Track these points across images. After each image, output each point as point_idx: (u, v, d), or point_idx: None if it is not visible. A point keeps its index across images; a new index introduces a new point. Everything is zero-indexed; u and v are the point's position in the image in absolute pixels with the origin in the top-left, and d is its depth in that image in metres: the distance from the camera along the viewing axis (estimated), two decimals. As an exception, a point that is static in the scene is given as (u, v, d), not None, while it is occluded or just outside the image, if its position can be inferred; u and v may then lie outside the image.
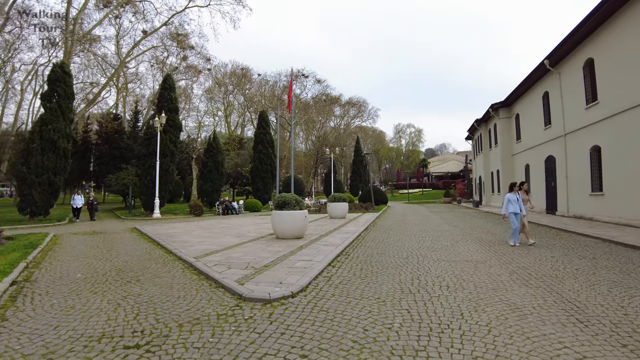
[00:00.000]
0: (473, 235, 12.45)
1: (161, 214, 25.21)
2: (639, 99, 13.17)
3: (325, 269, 7.24)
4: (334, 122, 77.44)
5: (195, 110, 57.64)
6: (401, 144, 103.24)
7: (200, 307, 5.03)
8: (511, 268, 7.17)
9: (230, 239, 11.78)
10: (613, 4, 13.93)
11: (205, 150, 36.20)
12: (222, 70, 59.13)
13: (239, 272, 6.86)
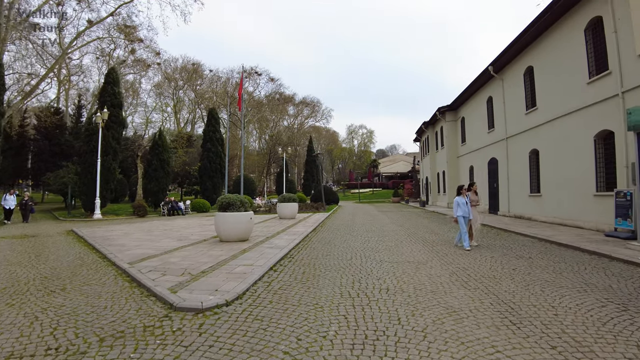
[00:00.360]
0: (417, 235, 12.69)
1: (102, 215, 23.92)
2: (572, 106, 13.96)
3: (266, 273, 7.02)
4: (288, 121, 77.17)
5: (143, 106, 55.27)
6: (353, 145, 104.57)
7: (126, 319, 4.68)
8: (451, 269, 7.29)
9: (171, 242, 11.27)
10: (549, 17, 14.68)
11: (150, 147, 34.75)
12: (172, 65, 57.02)
13: (174, 279, 6.50)
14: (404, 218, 20.92)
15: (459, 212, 10.03)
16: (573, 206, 14.04)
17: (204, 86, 61.89)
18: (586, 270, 7.07)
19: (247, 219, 11.21)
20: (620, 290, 5.63)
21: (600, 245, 9.53)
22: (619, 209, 11.16)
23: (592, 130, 12.92)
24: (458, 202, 10.17)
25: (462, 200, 10.14)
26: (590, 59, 13.23)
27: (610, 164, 12.42)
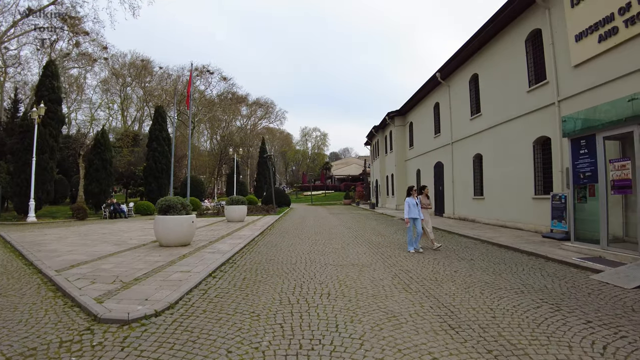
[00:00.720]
0: (364, 237, 12.69)
1: (37, 218, 22.17)
2: (513, 113, 14.51)
3: (204, 280, 6.63)
4: (241, 121, 75.77)
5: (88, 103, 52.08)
6: (307, 147, 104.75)
7: (42, 333, 4.18)
8: (394, 271, 7.24)
9: (107, 247, 10.54)
10: (493, 28, 15.22)
11: (92, 146, 32.84)
12: (120, 61, 54.01)
13: (103, 287, 5.98)
14: (353, 220, 20.99)
15: (410, 213, 9.75)
16: (514, 209, 14.60)
17: (153, 83, 59.26)
18: (524, 271, 7.25)
19: (189, 222, 10.70)
20: (554, 290, 5.77)
21: (537, 246, 9.88)
22: (554, 211, 11.67)
23: (532, 136, 13.48)
24: (409, 204, 9.86)
25: (412, 202, 9.86)
26: (530, 68, 13.81)
27: (547, 168, 13.00)
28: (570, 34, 11.28)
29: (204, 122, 64.80)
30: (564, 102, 11.74)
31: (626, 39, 9.44)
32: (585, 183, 8.91)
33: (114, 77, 54.20)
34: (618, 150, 9.19)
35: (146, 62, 57.21)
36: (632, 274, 6.27)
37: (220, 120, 68.55)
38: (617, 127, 7.90)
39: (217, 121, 67.72)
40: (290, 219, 22.84)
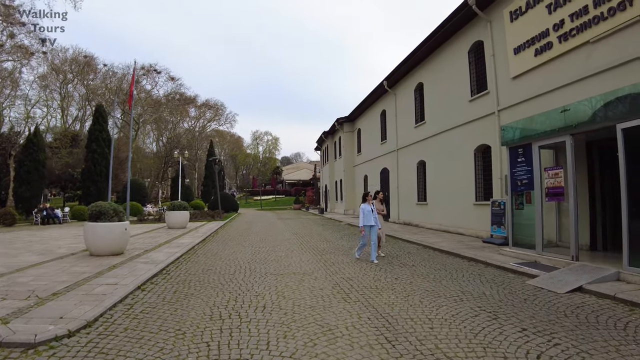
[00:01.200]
0: (309, 244, 12.45)
1: (-45, 224, 20.19)
2: (456, 121, 14.89)
3: (131, 293, 6.08)
4: (189, 123, 73.36)
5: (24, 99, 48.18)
6: (258, 151, 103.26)
7: None
8: (336, 280, 7.03)
9: (30, 258, 9.60)
10: (438, 38, 15.62)
11: (23, 146, 30.46)
12: (61, 56, 50.40)
13: (14, 304, 5.29)
14: (301, 225, 20.74)
15: (365, 221, 9.20)
16: (456, 214, 14.96)
17: (96, 81, 55.93)
18: (464, 277, 7.28)
19: (121, 230, 9.97)
20: (492, 297, 5.79)
21: (477, 251, 10.07)
22: (494, 217, 12.01)
23: (473, 144, 13.87)
24: (363, 211, 9.28)
25: (367, 208, 9.30)
26: (472, 78, 14.24)
27: (487, 175, 13.40)
28: (510, 47, 11.71)
29: (149, 123, 62.18)
30: (504, 112, 12.15)
31: (560, 54, 9.88)
32: (523, 190, 9.19)
33: (53, 73, 50.63)
34: (552, 158, 9.60)
35: (89, 58, 53.76)
36: (565, 279, 6.45)
37: (167, 122, 66.09)
38: (551, 136, 8.20)
39: (164, 122, 65.23)
40: (236, 225, 22.22)
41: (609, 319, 4.74)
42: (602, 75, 8.66)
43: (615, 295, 5.54)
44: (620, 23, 8.25)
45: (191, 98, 67.23)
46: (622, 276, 6.38)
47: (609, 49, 8.61)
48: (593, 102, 7.25)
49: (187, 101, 66.03)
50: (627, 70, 8.14)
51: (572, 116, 7.66)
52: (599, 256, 8.25)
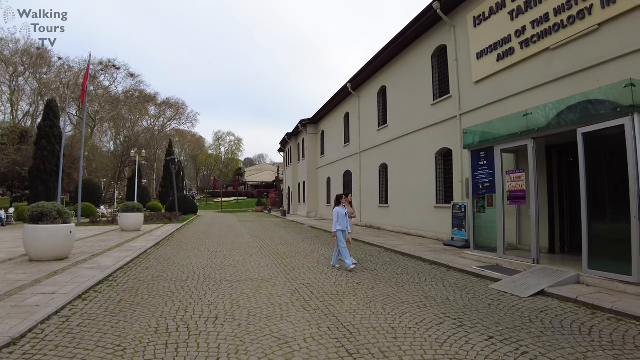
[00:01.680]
0: (270, 248, 12.03)
1: None
2: (418, 125, 14.93)
3: (70, 303, 5.47)
4: (148, 122, 70.96)
5: (-33, 92, 44.76)
6: (220, 152, 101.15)
7: None
8: (295, 286, 6.68)
9: (-41, 263, 8.72)
10: (401, 43, 15.66)
11: (-38, 142, 28.31)
12: (11, 47, 47.17)
13: None
14: (262, 228, 20.25)
15: (338, 225, 8.55)
16: (417, 217, 14.97)
17: (50, 75, 52.84)
18: (426, 281, 7.12)
19: (66, 232, 9.21)
20: (457, 302, 5.62)
21: (439, 254, 10.01)
22: (455, 220, 12.04)
23: (434, 147, 13.92)
24: (338, 214, 8.69)
25: (342, 212, 8.72)
26: (435, 82, 14.31)
27: (448, 178, 13.47)
28: (473, 52, 11.80)
29: (107, 120, 59.63)
30: (465, 116, 12.23)
31: (521, 60, 10.01)
32: (484, 193, 9.19)
33: (2, 64, 47.44)
34: (513, 162, 9.67)
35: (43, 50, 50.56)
36: (527, 282, 6.40)
37: (125, 120, 63.64)
38: (513, 140, 8.21)
39: (122, 120, 62.78)
40: (194, 227, 21.43)
41: (573, 323, 4.66)
42: (562, 81, 8.82)
43: (577, 299, 5.50)
44: (580, 31, 8.42)
45: (151, 96, 65.20)
46: (582, 279, 6.40)
47: (568, 56, 8.77)
48: (554, 107, 7.29)
49: (147, 99, 63.97)
50: (584, 77, 8.31)
51: (533, 120, 7.68)
52: (558, 259, 8.34)
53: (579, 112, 6.68)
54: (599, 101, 6.36)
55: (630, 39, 7.50)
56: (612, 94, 6.14)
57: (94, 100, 53.02)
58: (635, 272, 5.68)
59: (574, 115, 6.79)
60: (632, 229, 5.72)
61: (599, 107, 6.33)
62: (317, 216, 29.56)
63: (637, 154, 5.75)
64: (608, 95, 6.22)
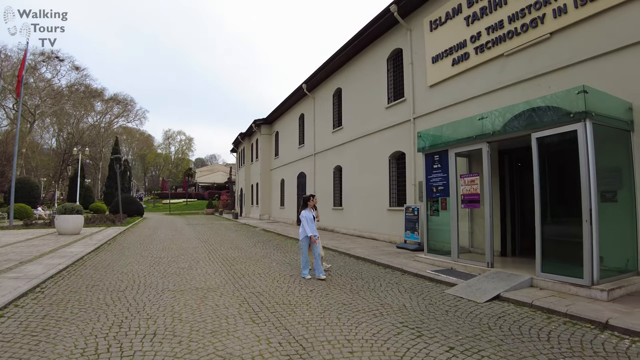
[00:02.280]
0: (219, 253, 11.44)
1: None
2: (372, 127, 14.85)
3: (-21, 319, 4.77)
4: (94, 118, 67.20)
5: None
6: (170, 151, 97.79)
7: None
8: (244, 295, 6.22)
9: None
10: (357, 45, 15.54)
11: None
12: None
13: None
14: (211, 231, 19.45)
15: (308, 230, 7.72)
16: (370, 219, 14.87)
17: (-16, 65, 48.68)
18: (381, 287, 6.90)
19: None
20: (414, 309, 5.40)
21: (393, 258, 9.87)
22: (408, 223, 12.00)
23: (388, 150, 13.88)
24: (307, 218, 7.85)
25: (310, 216, 7.88)
26: (390, 85, 14.29)
27: (402, 181, 13.45)
28: (428, 56, 11.83)
29: (48, 115, 55.78)
30: (419, 120, 12.25)
31: (476, 65, 10.10)
32: (438, 196, 9.14)
33: None
34: (466, 166, 9.71)
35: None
36: (483, 287, 6.31)
37: (69, 116, 59.91)
38: (468, 144, 8.19)
39: (66, 116, 59.04)
40: (138, 231, 20.24)
41: (531, 329, 4.56)
42: (515, 87, 8.96)
43: (532, 303, 5.45)
44: (533, 39, 8.57)
45: (98, 91, 61.79)
46: (535, 282, 6.40)
47: (521, 63, 8.91)
48: (510, 111, 7.31)
49: (92, 94, 60.53)
50: (536, 84, 8.46)
51: (489, 124, 7.69)
52: (511, 262, 8.40)
53: (534, 117, 6.71)
54: (553, 106, 6.41)
55: (580, 48, 7.71)
56: (566, 100, 6.19)
57: (34, 93, 49.49)
58: (586, 275, 5.72)
59: (529, 120, 6.81)
60: (583, 232, 5.76)
61: (553, 112, 6.37)
62: (270, 219, 28.99)
63: (588, 160, 5.80)
64: (562, 101, 6.28)
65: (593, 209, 5.72)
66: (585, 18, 7.63)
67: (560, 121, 6.20)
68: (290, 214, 24.28)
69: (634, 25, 6.91)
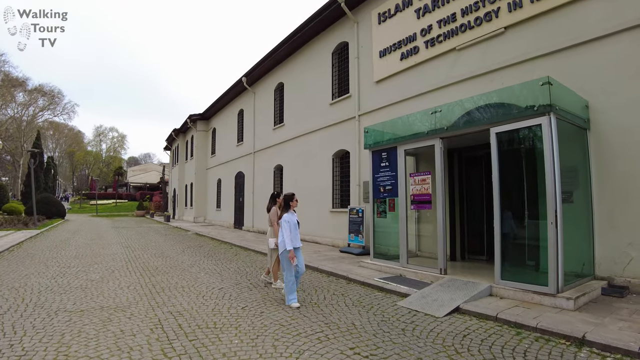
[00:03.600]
0: (140, 261, 9.98)
1: None
2: (315, 125, 14.03)
3: None
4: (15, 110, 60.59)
5: None
6: (101, 149, 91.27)
7: None
8: (160, 316, 5.04)
9: None
10: (300, 37, 14.65)
11: None
12: None
13: None
14: (138, 236, 17.61)
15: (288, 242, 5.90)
16: (312, 222, 13.98)
17: None
18: (325, 300, 6.01)
19: None
20: (365, 329, 4.55)
21: (337, 264, 9.07)
22: (352, 225, 11.29)
23: (332, 149, 13.12)
24: (289, 224, 6.04)
25: (293, 220, 6.16)
26: (334, 81, 13.55)
27: (345, 182, 12.74)
28: (375, 50, 11.21)
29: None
30: (365, 117, 11.60)
31: (426, 59, 9.58)
32: (386, 197, 8.45)
33: None
34: (413, 166, 9.10)
35: None
36: (439, 298, 5.61)
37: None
38: (419, 140, 7.56)
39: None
40: (54, 235, 17.92)
41: (504, 349, 3.88)
42: (467, 82, 8.52)
43: (498, 316, 4.81)
44: (486, 33, 8.16)
45: (19, 80, 55.82)
46: (495, 291, 5.82)
47: (474, 57, 8.48)
48: (467, 104, 6.74)
49: (13, 83, 54.56)
50: (489, 80, 8.04)
51: (443, 119, 7.09)
52: (462, 267, 7.88)
53: (494, 110, 6.17)
54: (515, 99, 5.88)
55: (535, 44, 7.37)
56: (529, 92, 5.68)
57: None
58: (551, 283, 5.19)
59: (487, 113, 6.27)
60: (548, 236, 5.24)
61: (515, 105, 5.84)
62: (205, 221, 27.27)
63: (554, 157, 5.30)
64: (525, 93, 5.77)
65: (558, 210, 5.21)
66: (541, 13, 7.31)
67: (523, 115, 5.67)
68: (227, 217, 22.84)
69: (590, 22, 6.63)
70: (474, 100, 6.61)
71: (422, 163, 9.08)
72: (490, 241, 9.15)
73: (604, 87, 6.40)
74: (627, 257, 6.05)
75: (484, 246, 9.03)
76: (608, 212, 6.27)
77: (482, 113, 6.37)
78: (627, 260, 6.05)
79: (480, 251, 9.12)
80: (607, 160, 6.32)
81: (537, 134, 5.60)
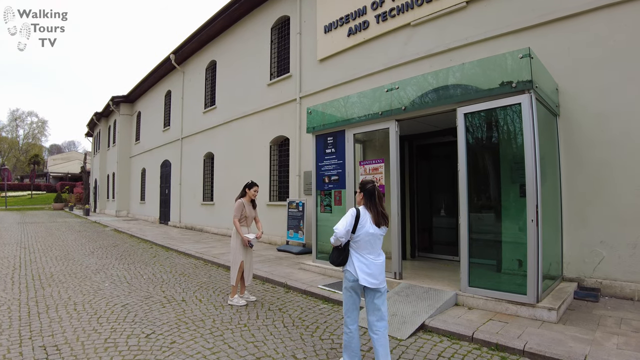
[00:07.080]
0: (35, 265, 8.09)
1: None
2: (251, 108, 12.66)
3: None
4: None
5: None
6: (18, 135, 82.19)
7: None
8: (26, 354, 3.54)
9: None
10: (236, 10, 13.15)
11: None
12: None
13: None
14: (46, 233, 15.15)
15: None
16: (247, 217, 12.64)
17: None
18: (259, 318, 4.78)
19: None
20: (309, 360, 3.41)
21: (274, 266, 7.87)
22: (291, 221, 10.17)
23: (269, 135, 11.84)
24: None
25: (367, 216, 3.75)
26: (273, 59, 12.23)
27: (284, 172, 11.53)
28: (320, 25, 10.07)
29: None
30: (307, 99, 10.45)
31: (377, 35, 8.59)
32: (331, 188, 7.37)
33: None
34: (360, 154, 8.09)
35: None
36: (400, 312, 4.59)
37: None
38: (371, 122, 6.52)
39: None
40: None
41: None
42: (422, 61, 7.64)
43: (474, 336, 3.87)
44: (446, 7, 7.29)
45: None
46: (462, 299, 4.91)
47: (431, 34, 7.61)
48: (430, 79, 5.75)
49: None
50: (447, 59, 7.19)
51: (400, 97, 6.07)
52: (417, 268, 6.98)
53: (462, 87, 5.22)
54: (488, 74, 4.96)
55: (500, 20, 6.60)
56: (506, 65, 4.78)
57: None
58: (530, 291, 4.37)
59: (454, 91, 5.31)
60: (528, 236, 4.40)
61: (489, 81, 4.92)
62: (128, 215, 24.78)
63: (535, 143, 4.45)
64: (500, 66, 4.86)
65: (539, 206, 4.39)
66: (507, -15, 6.51)
67: (499, 92, 4.77)
68: (152, 211, 20.71)
69: (560, -2, 5.91)
70: (439, 74, 5.64)
71: (370, 151, 8.11)
72: (439, 237, 8.46)
73: (576, 69, 5.73)
74: (598, 256, 5.44)
75: (432, 243, 8.30)
76: (578, 206, 5.62)
77: (449, 90, 5.40)
78: (598, 260, 5.44)
79: (430, 248, 8.37)
80: (579, 148, 5.65)
81: (512, 116, 4.75)
